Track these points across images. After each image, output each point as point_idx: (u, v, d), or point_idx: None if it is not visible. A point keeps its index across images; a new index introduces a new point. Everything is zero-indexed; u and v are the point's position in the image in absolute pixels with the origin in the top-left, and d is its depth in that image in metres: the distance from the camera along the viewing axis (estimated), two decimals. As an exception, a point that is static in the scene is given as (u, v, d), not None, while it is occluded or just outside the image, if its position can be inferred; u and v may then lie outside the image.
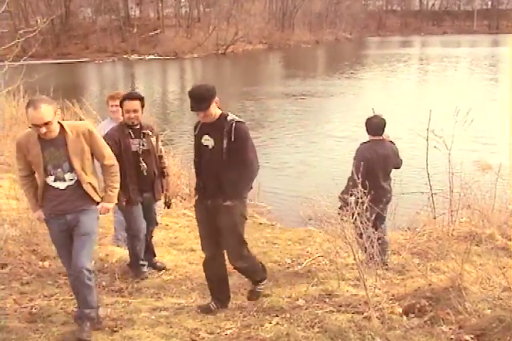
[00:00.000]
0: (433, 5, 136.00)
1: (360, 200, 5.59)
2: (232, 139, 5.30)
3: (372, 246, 5.77)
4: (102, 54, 68.81)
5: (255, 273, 5.87)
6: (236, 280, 6.49)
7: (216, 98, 5.35)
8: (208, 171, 5.51)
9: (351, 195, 5.86)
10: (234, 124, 5.32)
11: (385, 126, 7.22)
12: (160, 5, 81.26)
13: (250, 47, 76.79)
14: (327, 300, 5.70)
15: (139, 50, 69.82)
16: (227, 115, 5.43)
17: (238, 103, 30.13)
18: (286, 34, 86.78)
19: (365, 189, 5.90)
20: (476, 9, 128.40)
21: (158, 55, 67.58)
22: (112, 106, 7.62)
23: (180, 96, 35.46)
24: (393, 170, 7.61)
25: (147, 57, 66.72)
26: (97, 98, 31.98)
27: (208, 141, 5.46)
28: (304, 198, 9.07)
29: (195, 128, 5.64)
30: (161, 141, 7.21)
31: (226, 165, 5.35)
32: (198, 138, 5.58)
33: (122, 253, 7.38)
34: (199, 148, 5.58)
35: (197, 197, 5.70)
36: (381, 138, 7.24)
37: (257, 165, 5.47)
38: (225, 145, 5.32)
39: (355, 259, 5.43)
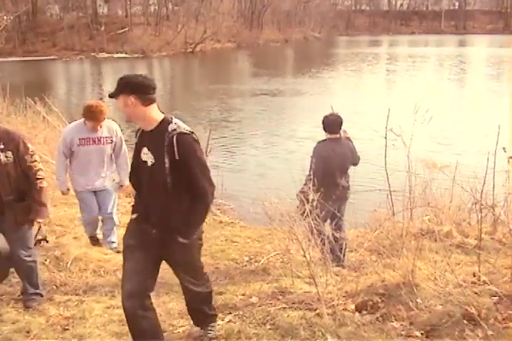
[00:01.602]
0: (401, 5, 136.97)
1: (314, 198, 5.60)
2: (176, 157, 4.17)
3: (324, 244, 5.80)
4: (69, 52, 68.11)
5: (211, 303, 4.98)
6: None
7: (150, 97, 4.26)
8: (150, 196, 4.40)
9: (304, 193, 5.88)
10: (175, 137, 4.18)
11: (341, 124, 7.27)
12: (128, 3, 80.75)
13: (219, 46, 76.62)
14: (280, 297, 5.72)
15: (107, 48, 69.26)
16: (171, 122, 4.29)
17: (205, 102, 30.08)
18: (255, 33, 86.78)
19: (322, 187, 5.93)
20: (443, 10, 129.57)
21: (126, 54, 67.10)
22: None
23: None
24: (353, 168, 7.66)
25: (115, 56, 66.23)
26: (62, 96, 31.78)
27: (146, 155, 4.33)
28: (265, 196, 9.08)
29: (136, 133, 4.56)
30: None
31: (172, 194, 4.26)
32: (136, 149, 4.46)
33: (79, 251, 7.32)
34: (137, 162, 4.44)
35: (135, 218, 4.57)
36: (338, 136, 7.28)
37: (211, 192, 4.33)
38: (167, 165, 4.19)
39: (305, 256, 5.44)
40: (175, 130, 4.22)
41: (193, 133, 4.31)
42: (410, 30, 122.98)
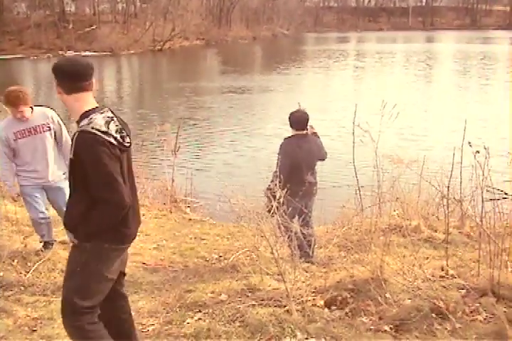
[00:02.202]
0: (369, 1, 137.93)
1: (281, 194, 5.60)
2: (71, 156, 3.81)
3: (291, 240, 5.80)
4: (36, 50, 67.42)
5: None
6: (162, 276, 6.46)
7: (74, 85, 3.85)
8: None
9: (271, 190, 5.88)
10: (76, 135, 3.77)
11: (308, 121, 7.28)
12: (96, 0, 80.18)
13: (187, 44, 76.43)
14: (249, 294, 5.69)
15: (75, 46, 68.63)
16: (87, 116, 3.83)
17: (173, 99, 30.00)
18: (224, 30, 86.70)
19: (289, 183, 5.92)
20: (410, 6, 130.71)
21: (95, 52, 66.62)
22: None
23: (116, 93, 35.11)
24: (322, 165, 7.67)
25: (83, 54, 65.52)
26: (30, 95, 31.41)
27: None
28: (232, 194, 9.06)
29: None
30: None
31: (74, 194, 3.95)
32: None
33: (48, 252, 7.23)
34: None
35: None
36: (304, 132, 7.29)
37: (109, 200, 3.74)
38: (68, 164, 3.94)
39: (272, 253, 5.43)
40: (81, 127, 3.76)
41: (103, 132, 3.72)
42: (378, 26, 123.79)
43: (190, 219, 10.23)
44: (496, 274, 5.22)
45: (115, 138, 3.78)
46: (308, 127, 7.36)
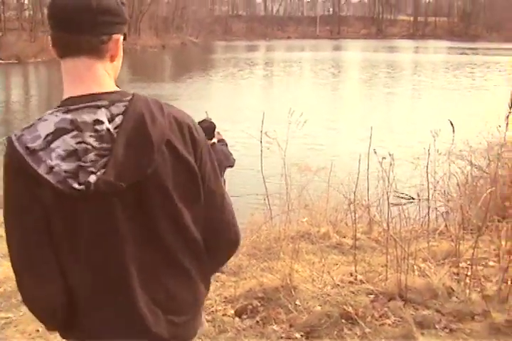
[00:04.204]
0: (277, 10, 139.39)
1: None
2: None
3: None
4: None
5: None
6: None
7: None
8: None
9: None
10: None
11: (214, 130, 7.27)
12: (1, 7, 78.18)
13: (96, 52, 75.49)
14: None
15: (-22, 54, 66.88)
16: (54, 110, 2.05)
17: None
18: (133, 38, 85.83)
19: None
20: (318, 15, 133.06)
21: (1, 59, 64.94)
22: None
23: (23, 101, 34.33)
24: (230, 173, 7.67)
25: (-13, 62, 64.04)
26: None
27: None
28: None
29: None
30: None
31: None
32: None
33: None
34: None
35: None
36: (211, 142, 7.26)
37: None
38: None
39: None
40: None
41: (30, 152, 1.92)
42: (287, 35, 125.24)
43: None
44: (403, 278, 5.33)
45: (50, 169, 1.90)
46: (215, 133, 7.36)
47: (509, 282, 5.24)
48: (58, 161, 1.90)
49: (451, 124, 7.04)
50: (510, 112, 6.13)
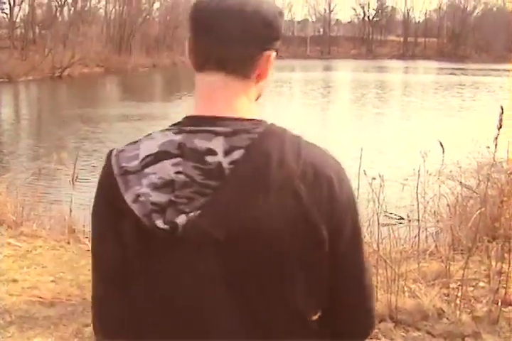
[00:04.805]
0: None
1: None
2: None
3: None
4: None
5: None
6: (59, 310, 6.28)
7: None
8: None
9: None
10: None
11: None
12: (-8, 26, 78.46)
13: (87, 71, 75.45)
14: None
15: (-31, 72, 66.84)
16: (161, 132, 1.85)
17: (71, 127, 29.46)
18: (124, 58, 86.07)
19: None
20: (309, 35, 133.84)
21: (-10, 78, 64.96)
22: None
23: (13, 120, 34.29)
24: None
25: (-23, 81, 63.98)
26: None
27: None
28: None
29: None
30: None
31: None
32: None
33: None
34: None
35: None
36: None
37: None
38: None
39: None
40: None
41: (123, 173, 1.70)
42: (277, 55, 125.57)
43: (88, 250, 9.99)
44: (394, 299, 5.32)
45: (136, 197, 1.57)
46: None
47: (499, 303, 5.25)
48: (148, 190, 1.55)
49: (441, 145, 7.09)
50: (498, 134, 6.16)
